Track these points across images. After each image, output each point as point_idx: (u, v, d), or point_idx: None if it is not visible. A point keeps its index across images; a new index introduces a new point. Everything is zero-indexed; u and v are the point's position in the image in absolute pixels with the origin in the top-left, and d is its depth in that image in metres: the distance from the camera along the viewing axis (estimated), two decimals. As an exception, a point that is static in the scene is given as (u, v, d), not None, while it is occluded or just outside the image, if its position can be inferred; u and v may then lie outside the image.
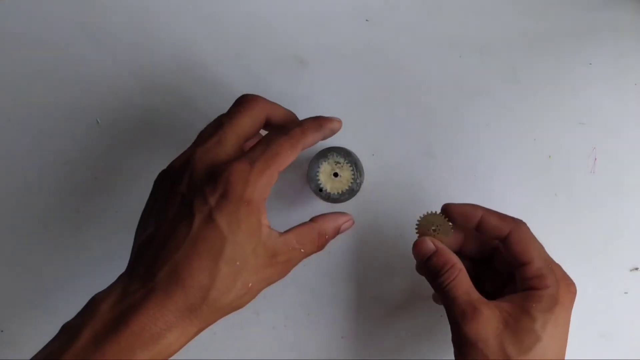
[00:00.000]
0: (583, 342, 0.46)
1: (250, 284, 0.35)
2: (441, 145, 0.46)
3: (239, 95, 0.47)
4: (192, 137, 0.47)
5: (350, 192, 0.43)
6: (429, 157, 0.46)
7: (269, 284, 0.37)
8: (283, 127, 0.38)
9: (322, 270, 0.46)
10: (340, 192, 0.43)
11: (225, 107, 0.47)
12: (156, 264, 0.33)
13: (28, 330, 0.47)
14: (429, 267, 0.39)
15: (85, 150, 0.47)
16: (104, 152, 0.47)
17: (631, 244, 0.46)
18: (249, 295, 0.36)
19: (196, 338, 0.37)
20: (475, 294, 0.37)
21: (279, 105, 0.40)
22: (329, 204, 0.44)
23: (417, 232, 0.40)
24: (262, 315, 0.46)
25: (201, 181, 0.35)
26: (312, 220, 0.39)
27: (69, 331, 0.33)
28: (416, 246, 0.39)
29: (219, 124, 0.38)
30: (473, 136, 0.46)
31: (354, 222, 0.41)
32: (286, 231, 0.37)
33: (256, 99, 0.39)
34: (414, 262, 0.46)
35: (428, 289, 0.46)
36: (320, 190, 0.42)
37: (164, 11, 0.47)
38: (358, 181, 0.43)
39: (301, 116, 0.46)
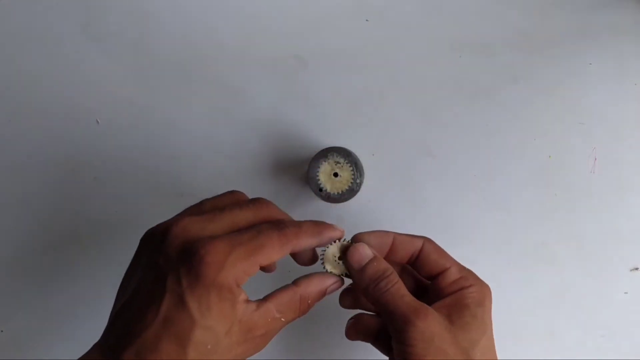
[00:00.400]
0: (583, 342, 0.46)
1: None
2: (441, 145, 0.46)
3: (239, 95, 0.47)
4: (191, 136, 0.47)
5: (350, 192, 0.43)
6: (429, 157, 0.46)
7: (245, 355, 0.35)
8: (280, 221, 0.36)
9: (322, 269, 0.46)
10: (340, 192, 0.43)
11: (224, 106, 0.47)
12: (125, 339, 0.32)
13: (28, 330, 0.47)
14: (367, 272, 0.37)
15: (85, 150, 0.47)
16: (104, 152, 0.47)
17: (631, 244, 0.46)
18: None
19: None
20: (413, 297, 0.37)
21: (287, 216, 0.39)
22: (329, 203, 0.44)
23: (322, 263, 0.39)
24: (262, 315, 0.46)
25: (177, 256, 0.33)
26: (295, 283, 0.37)
27: None
28: (353, 253, 0.38)
29: (224, 207, 0.36)
30: (473, 136, 0.46)
31: (342, 284, 0.39)
32: (265, 298, 0.35)
33: (268, 204, 0.37)
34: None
35: (428, 289, 0.46)
36: (320, 190, 0.42)
37: (164, 11, 0.47)
38: (358, 181, 0.43)
39: (302, 116, 0.46)
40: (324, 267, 0.39)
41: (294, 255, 0.39)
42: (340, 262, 0.38)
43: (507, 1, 0.47)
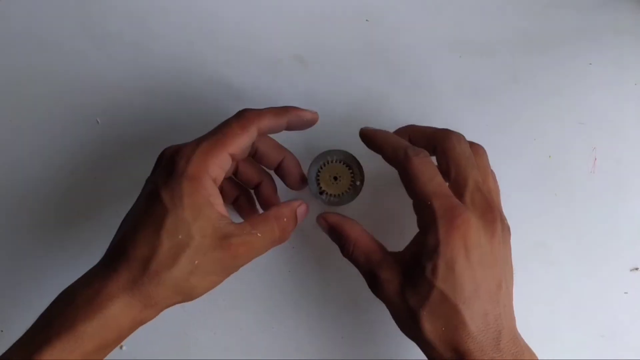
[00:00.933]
0: (583, 342, 0.46)
1: (196, 262, 0.34)
2: (441, 145, 0.46)
3: (239, 95, 0.47)
4: (192, 137, 0.47)
5: (351, 195, 0.43)
6: (429, 157, 0.46)
7: (224, 268, 0.36)
8: (241, 110, 0.39)
9: (322, 270, 0.46)
10: (340, 195, 0.42)
11: (224, 107, 0.47)
12: (113, 242, 0.36)
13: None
14: (333, 241, 0.41)
15: (85, 150, 0.47)
16: (104, 152, 0.47)
17: (631, 244, 0.46)
18: (198, 277, 0.35)
19: (195, 338, 0.37)
20: (375, 256, 0.38)
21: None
22: (329, 206, 0.44)
23: (318, 186, 0.42)
24: (262, 316, 0.46)
25: (156, 167, 0.38)
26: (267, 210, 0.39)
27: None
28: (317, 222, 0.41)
29: (212, 132, 0.38)
30: (473, 136, 0.46)
31: (307, 206, 0.40)
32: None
33: (249, 110, 0.39)
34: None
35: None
36: (321, 193, 0.42)
37: (163, 11, 0.47)
38: (358, 183, 0.43)
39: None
40: (320, 188, 0.41)
41: (282, 177, 0.42)
42: (336, 181, 0.42)
43: (507, 1, 0.47)
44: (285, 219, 0.38)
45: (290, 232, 0.39)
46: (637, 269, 0.46)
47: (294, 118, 0.39)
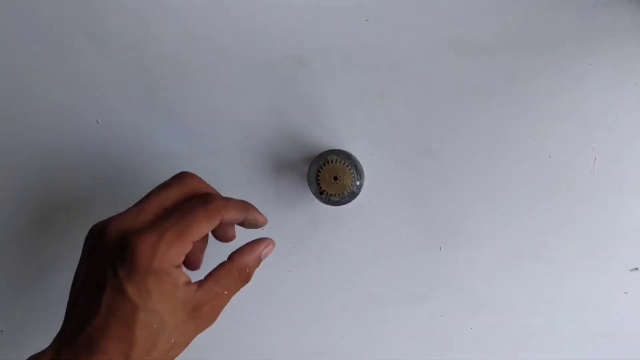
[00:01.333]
0: (583, 342, 0.46)
1: (172, 340, 0.36)
2: (441, 145, 0.46)
3: (238, 95, 0.47)
4: (191, 136, 0.47)
5: (351, 195, 0.43)
6: (429, 157, 0.46)
7: (196, 332, 0.37)
8: (207, 195, 0.38)
9: (322, 270, 0.46)
10: (340, 195, 0.43)
11: (224, 107, 0.47)
12: (79, 331, 0.35)
13: (28, 330, 0.47)
14: None
15: (85, 150, 0.47)
16: (104, 152, 0.47)
17: (631, 244, 0.46)
18: (176, 349, 0.36)
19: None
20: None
21: (212, 188, 0.40)
22: (329, 206, 0.44)
23: (318, 185, 0.42)
24: (262, 315, 0.46)
25: (113, 251, 0.35)
26: (230, 258, 0.39)
27: None
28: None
29: (147, 195, 0.38)
30: (473, 136, 0.46)
31: (274, 245, 0.40)
32: (205, 278, 0.37)
33: (191, 177, 0.39)
34: (414, 262, 0.47)
35: (428, 288, 0.46)
36: (321, 193, 0.42)
37: (164, 11, 0.47)
38: (358, 184, 0.43)
39: (301, 116, 0.46)
40: (320, 188, 0.41)
41: (215, 231, 0.41)
42: (337, 181, 0.41)
43: (507, 1, 0.46)
44: (248, 270, 0.39)
45: (251, 276, 0.39)
46: (637, 269, 0.46)
47: (250, 218, 0.39)
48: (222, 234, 0.42)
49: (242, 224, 0.40)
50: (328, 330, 0.46)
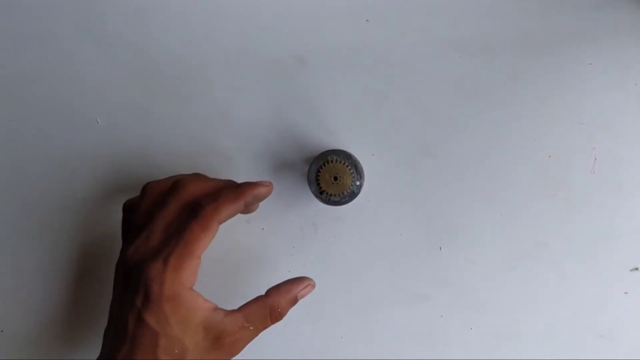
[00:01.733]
0: (583, 342, 0.46)
1: None
2: (441, 145, 0.46)
3: (239, 95, 0.47)
4: (191, 136, 0.47)
5: (351, 195, 0.43)
6: (429, 157, 0.46)
7: None
8: (196, 205, 0.38)
9: (322, 270, 0.46)
10: (340, 196, 0.42)
11: (224, 106, 0.47)
12: (114, 357, 0.37)
13: (28, 330, 0.47)
14: None
15: (85, 150, 0.47)
16: (104, 152, 0.47)
17: (631, 244, 0.46)
18: None
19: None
20: None
21: (210, 181, 0.41)
22: (329, 206, 0.44)
23: (318, 186, 0.41)
24: (262, 315, 0.46)
25: (130, 283, 0.37)
26: (266, 293, 0.39)
27: None
28: None
29: (151, 214, 0.39)
30: (473, 136, 0.46)
31: (314, 286, 0.41)
32: (237, 309, 0.38)
33: (184, 184, 0.39)
34: (414, 262, 0.47)
35: (428, 288, 0.46)
36: (321, 193, 0.42)
37: (164, 11, 0.47)
38: (358, 184, 0.43)
39: (301, 117, 0.46)
40: (320, 188, 0.41)
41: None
42: (337, 181, 0.41)
43: (507, 1, 0.46)
44: (280, 310, 0.39)
45: (284, 316, 0.40)
46: (637, 269, 0.46)
47: (250, 199, 0.39)
48: (246, 211, 0.42)
49: (246, 208, 0.40)
50: (328, 330, 0.46)
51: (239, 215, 0.44)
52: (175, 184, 0.39)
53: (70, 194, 0.47)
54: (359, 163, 0.44)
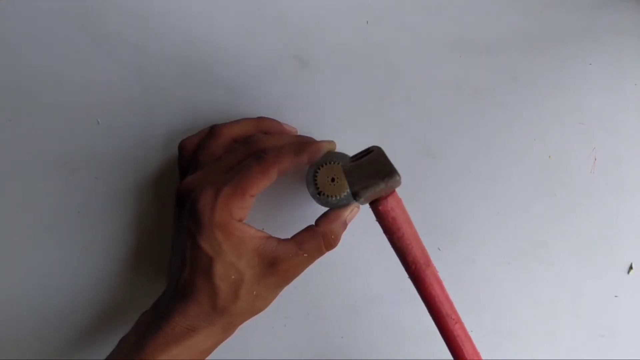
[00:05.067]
0: (583, 342, 0.46)
1: (254, 292, 0.38)
2: (441, 145, 0.46)
3: (239, 95, 0.47)
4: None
5: (349, 197, 0.43)
6: (429, 157, 0.46)
7: (278, 287, 0.39)
8: (261, 150, 0.39)
9: (322, 270, 0.46)
10: (338, 197, 0.42)
11: (224, 107, 0.47)
12: (175, 285, 0.38)
13: (28, 329, 0.47)
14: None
15: (85, 150, 0.47)
16: (104, 152, 0.47)
17: (631, 244, 0.46)
18: (261, 300, 0.39)
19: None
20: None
21: (281, 139, 0.42)
22: (326, 207, 0.44)
23: (318, 194, 0.42)
24: (262, 315, 0.46)
25: (183, 211, 0.39)
26: (316, 223, 0.40)
27: (122, 340, 0.39)
28: None
29: (217, 155, 0.40)
30: (473, 136, 0.46)
31: (359, 209, 0.41)
32: (290, 238, 0.39)
33: (257, 141, 0.41)
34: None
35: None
36: (319, 194, 0.42)
37: (164, 11, 0.47)
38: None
39: (302, 117, 0.46)
40: (317, 189, 0.42)
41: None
42: (334, 183, 0.42)
43: (507, 1, 0.46)
44: (333, 236, 0.40)
45: (338, 242, 0.40)
46: (635, 268, 0.46)
47: (313, 154, 0.40)
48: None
49: (308, 162, 0.40)
50: (328, 330, 0.46)
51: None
52: (250, 139, 0.41)
53: (71, 194, 0.47)
54: (359, 163, 0.44)
